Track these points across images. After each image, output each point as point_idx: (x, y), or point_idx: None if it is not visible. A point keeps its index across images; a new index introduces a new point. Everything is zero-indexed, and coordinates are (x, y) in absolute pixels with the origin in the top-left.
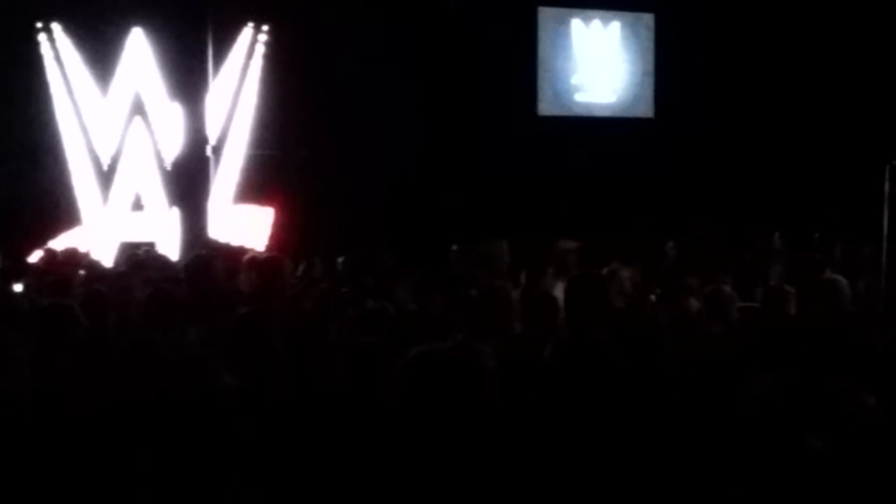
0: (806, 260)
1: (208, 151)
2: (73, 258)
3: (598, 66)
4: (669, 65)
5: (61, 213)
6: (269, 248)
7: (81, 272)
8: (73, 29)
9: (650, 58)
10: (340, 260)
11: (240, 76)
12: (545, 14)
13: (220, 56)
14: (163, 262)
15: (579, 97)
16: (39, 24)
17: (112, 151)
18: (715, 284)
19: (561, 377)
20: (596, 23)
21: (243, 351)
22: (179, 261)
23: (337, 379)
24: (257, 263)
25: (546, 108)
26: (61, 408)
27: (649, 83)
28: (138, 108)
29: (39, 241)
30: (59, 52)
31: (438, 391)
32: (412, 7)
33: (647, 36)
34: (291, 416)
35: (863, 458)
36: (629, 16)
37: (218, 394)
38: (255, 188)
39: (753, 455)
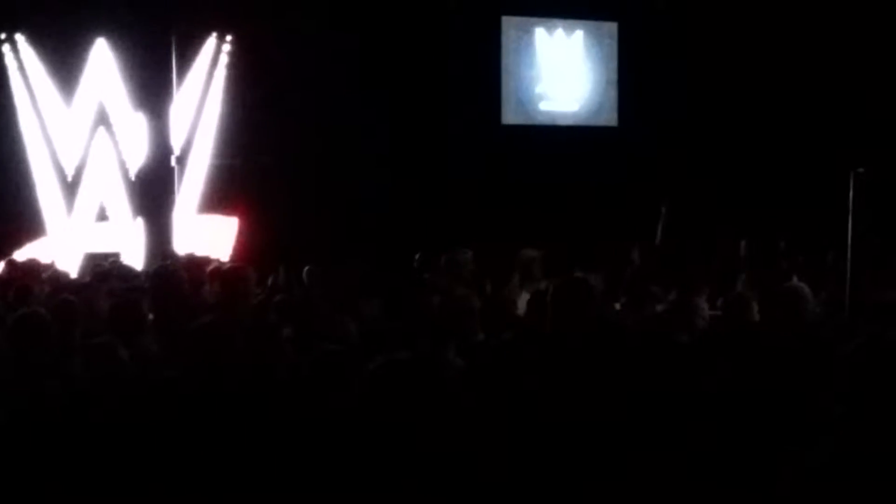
0: (771, 268)
1: (172, 161)
2: (33, 269)
3: (562, 75)
4: (633, 73)
5: (26, 223)
6: (234, 257)
7: (43, 283)
8: (36, 40)
9: (613, 66)
10: (307, 269)
11: (203, 86)
12: (509, 23)
13: (183, 66)
14: (127, 272)
15: (543, 106)
16: (3, 36)
17: (76, 162)
18: (679, 293)
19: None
20: (559, 32)
21: (203, 360)
22: (144, 271)
23: (295, 386)
24: (220, 274)
25: (510, 116)
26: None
27: (612, 92)
28: (102, 119)
29: (3, 253)
30: (22, 62)
31: (401, 400)
32: (376, 16)
33: (611, 45)
34: (250, 425)
35: (830, 461)
36: (592, 25)
37: (182, 402)
38: (219, 198)
39: (724, 461)
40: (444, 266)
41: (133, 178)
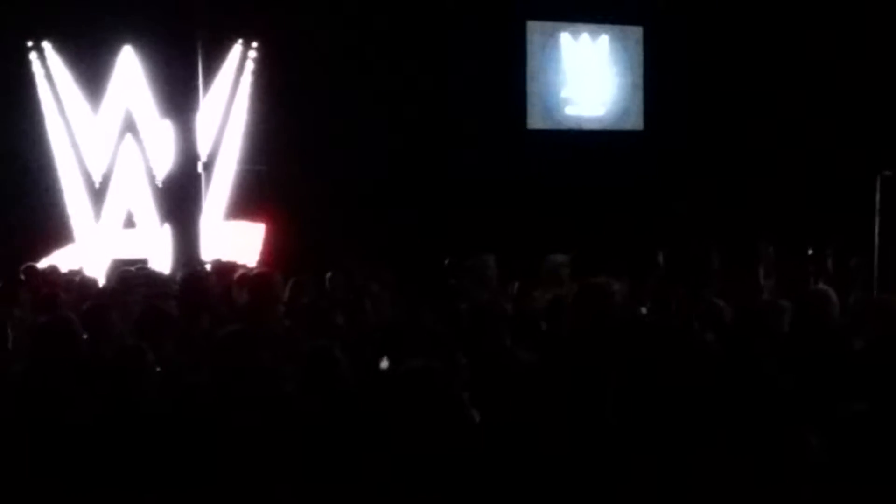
0: (798, 272)
1: (199, 168)
2: (56, 276)
3: (587, 80)
4: (658, 77)
5: (53, 230)
6: (260, 263)
7: (70, 290)
8: (64, 47)
9: (639, 71)
10: (329, 276)
11: (230, 93)
12: (534, 28)
13: (210, 73)
14: (155, 278)
15: (569, 110)
16: (30, 43)
17: (104, 169)
18: (708, 297)
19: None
20: (584, 36)
21: (228, 367)
22: (171, 277)
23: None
24: (248, 280)
25: (536, 121)
26: (53, 422)
27: (638, 96)
28: (129, 126)
29: (32, 260)
30: (50, 70)
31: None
32: (402, 22)
33: (636, 49)
34: (269, 431)
35: (854, 460)
36: (617, 29)
37: (203, 407)
38: (246, 204)
39: (751, 458)
40: (469, 271)
41: (160, 185)
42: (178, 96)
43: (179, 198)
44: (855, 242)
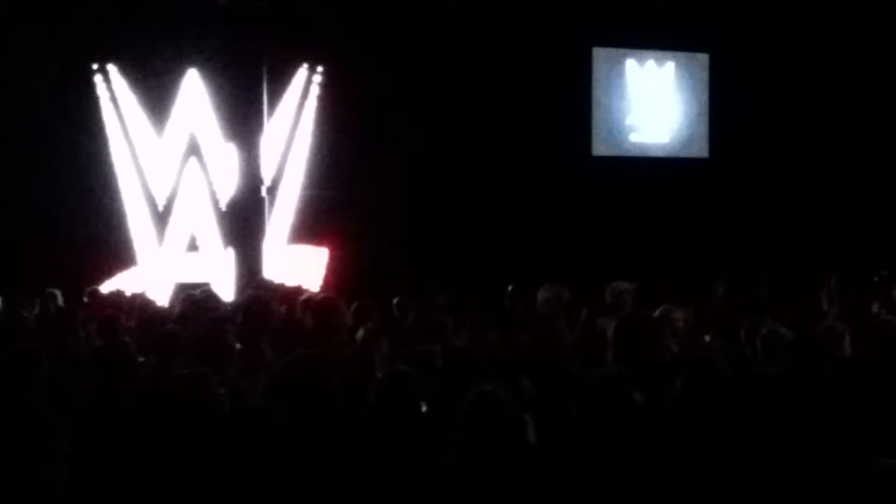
0: (862, 300)
1: (263, 192)
2: (118, 300)
3: (653, 107)
4: (724, 105)
5: (117, 253)
6: (323, 288)
7: (129, 314)
8: (128, 70)
9: (705, 98)
10: (396, 301)
11: (294, 117)
12: (599, 54)
13: (274, 97)
14: (218, 302)
15: (634, 137)
16: (95, 66)
17: (167, 192)
18: (770, 326)
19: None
20: (650, 63)
21: (295, 391)
22: (234, 301)
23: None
24: (313, 304)
25: (600, 148)
26: (118, 442)
27: (704, 123)
28: (193, 149)
29: (95, 282)
30: (114, 93)
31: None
32: (467, 48)
33: (702, 76)
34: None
35: None
36: (683, 56)
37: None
38: (309, 228)
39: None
40: (537, 299)
41: (224, 208)
42: (243, 120)
43: (243, 222)
44: None
